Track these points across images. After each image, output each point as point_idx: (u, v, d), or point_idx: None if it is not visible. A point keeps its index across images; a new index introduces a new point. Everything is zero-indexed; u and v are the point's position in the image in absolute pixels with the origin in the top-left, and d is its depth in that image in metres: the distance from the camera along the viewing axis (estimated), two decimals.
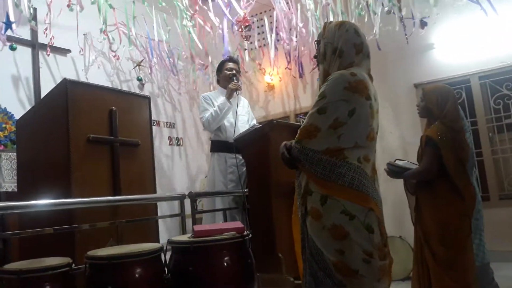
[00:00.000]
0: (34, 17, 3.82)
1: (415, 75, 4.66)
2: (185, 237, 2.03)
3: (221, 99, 3.44)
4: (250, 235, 2.15)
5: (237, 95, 3.41)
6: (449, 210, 2.47)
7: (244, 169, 3.29)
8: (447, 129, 2.59)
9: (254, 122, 3.69)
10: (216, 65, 3.81)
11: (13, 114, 3.82)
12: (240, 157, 3.30)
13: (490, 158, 4.38)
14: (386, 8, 3.97)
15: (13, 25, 3.40)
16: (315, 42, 1.97)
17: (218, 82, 3.71)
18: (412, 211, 2.76)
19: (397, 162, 2.83)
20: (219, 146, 3.46)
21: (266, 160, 2.75)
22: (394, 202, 4.14)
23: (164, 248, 1.99)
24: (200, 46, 4.80)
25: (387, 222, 1.82)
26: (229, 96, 3.39)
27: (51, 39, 3.97)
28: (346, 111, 1.63)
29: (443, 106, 2.64)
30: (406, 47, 4.51)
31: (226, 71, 3.55)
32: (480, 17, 4.04)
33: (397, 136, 4.69)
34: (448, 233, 2.44)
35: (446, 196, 2.50)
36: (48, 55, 4.16)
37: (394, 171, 2.76)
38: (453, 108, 2.65)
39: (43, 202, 2.03)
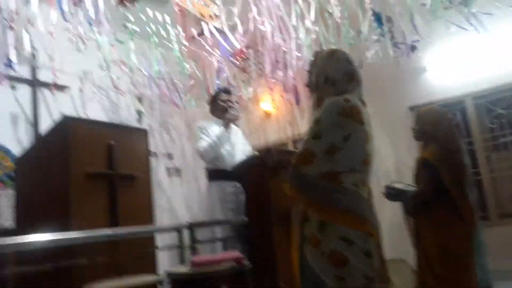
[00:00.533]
0: (34, 57, 3.91)
1: (410, 98, 4.72)
2: (183, 268, 2.02)
3: (217, 129, 3.48)
4: (250, 265, 2.13)
5: (235, 125, 3.45)
6: (449, 232, 2.47)
7: (242, 196, 3.29)
8: (443, 150, 2.61)
9: (249, 149, 3.72)
10: None
11: (11, 151, 3.85)
12: (239, 185, 3.32)
13: (488, 177, 4.38)
14: (375, 37, 4.06)
15: (14, 65, 3.48)
16: (307, 71, 2.01)
17: (212, 112, 3.74)
18: (411, 233, 2.75)
19: (395, 184, 2.85)
20: (216, 175, 3.45)
21: (265, 187, 2.75)
22: (394, 223, 4.10)
23: (164, 279, 1.98)
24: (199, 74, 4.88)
25: (387, 244, 1.82)
26: (226, 126, 3.43)
27: (54, 77, 4.04)
28: (341, 136, 1.65)
29: (438, 128, 2.67)
30: (400, 71, 4.58)
31: (220, 102, 3.59)
32: (471, 39, 4.12)
33: (393, 159, 4.70)
34: (450, 256, 2.43)
35: (445, 217, 2.50)
36: (54, 95, 4.23)
37: (392, 193, 2.78)
38: (448, 129, 2.68)
39: (41, 237, 2.02)
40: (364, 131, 1.70)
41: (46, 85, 4.22)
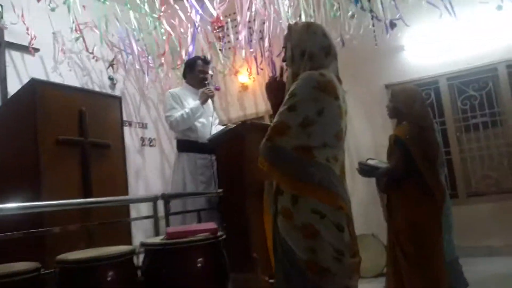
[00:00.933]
0: (1, 15, 3.71)
1: (386, 76, 4.77)
2: (158, 239, 2.01)
3: (191, 99, 3.41)
4: (224, 236, 2.15)
5: (212, 101, 3.39)
6: (419, 209, 2.54)
7: (214, 169, 3.29)
8: (415, 128, 2.66)
9: (217, 121, 3.69)
10: None
11: None
12: (210, 157, 3.29)
13: (458, 157, 4.52)
14: (350, 13, 4.04)
15: None
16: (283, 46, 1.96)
17: (185, 77, 3.65)
18: (384, 209, 2.82)
19: (368, 161, 2.90)
20: (188, 146, 3.39)
21: (240, 160, 2.75)
22: (366, 200, 4.21)
23: (137, 250, 1.97)
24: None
25: (359, 219, 1.87)
26: (203, 102, 3.37)
27: (30, 42, 3.85)
28: (315, 110, 1.65)
29: (411, 106, 2.71)
30: (377, 49, 4.60)
31: (198, 73, 3.51)
32: (448, 21, 4.16)
33: (368, 136, 4.77)
34: (419, 232, 2.51)
35: (416, 194, 2.57)
36: (34, 56, 4.04)
37: (365, 170, 2.83)
38: (421, 107, 2.73)
39: (11, 205, 1.97)
40: (338, 106, 1.71)
41: (14, 46, 4.02)
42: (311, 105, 1.65)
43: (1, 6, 3.51)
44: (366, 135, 4.79)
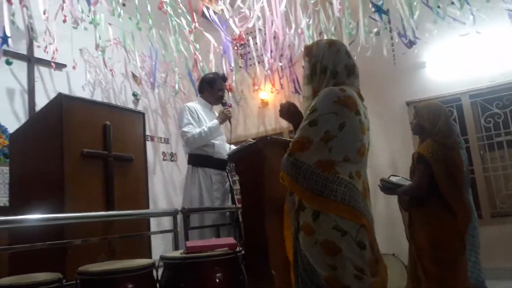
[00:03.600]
0: (31, 32, 3.84)
1: (407, 93, 4.73)
2: (177, 253, 2.02)
3: (208, 116, 3.43)
4: (243, 251, 2.14)
5: (230, 122, 3.41)
6: (441, 227, 2.48)
7: (227, 185, 3.29)
8: (439, 146, 2.62)
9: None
10: None
11: (6, 128, 3.80)
12: (224, 173, 3.30)
13: (482, 176, 4.42)
14: (376, 30, 4.04)
15: (9, 40, 3.42)
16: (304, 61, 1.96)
17: (201, 92, 3.62)
18: (406, 227, 2.77)
19: (391, 178, 2.86)
20: (203, 161, 3.38)
21: (260, 175, 2.75)
22: (387, 218, 4.15)
23: (156, 264, 1.98)
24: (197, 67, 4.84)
25: (380, 239, 1.83)
26: (222, 122, 3.39)
27: (53, 53, 3.97)
28: (337, 124, 1.65)
29: (435, 123, 2.68)
30: (399, 66, 4.59)
31: (218, 91, 3.52)
32: (470, 37, 4.13)
33: (388, 153, 4.72)
34: (440, 251, 2.45)
35: (438, 213, 2.52)
36: (54, 70, 4.18)
37: (388, 187, 2.79)
38: (445, 124, 2.69)
39: (34, 217, 2.01)
40: (359, 121, 1.70)
41: (42, 62, 4.16)
42: (332, 120, 1.65)
43: (31, 23, 3.64)
44: (386, 152, 4.74)
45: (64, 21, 3.62)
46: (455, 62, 4.49)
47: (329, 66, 1.78)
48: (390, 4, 4.00)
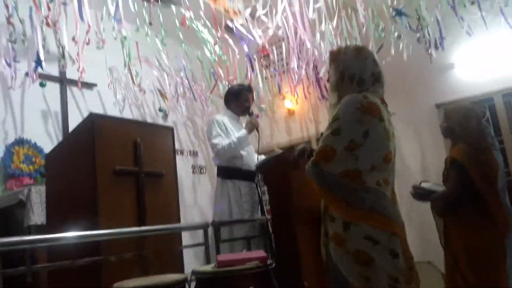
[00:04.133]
0: (63, 55, 3.99)
1: (437, 95, 4.62)
2: (209, 267, 2.04)
3: (236, 127, 3.47)
4: (274, 264, 2.13)
5: (257, 131, 3.43)
6: (479, 234, 2.41)
7: (256, 196, 3.30)
8: (471, 148, 2.55)
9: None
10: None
11: (42, 148, 3.95)
12: (253, 185, 3.31)
13: None
14: (396, 33, 3.99)
15: (43, 63, 3.57)
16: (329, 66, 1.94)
17: (228, 104, 3.65)
18: (440, 234, 2.70)
19: (422, 184, 2.80)
20: (232, 173, 3.41)
21: (289, 186, 2.74)
22: (421, 225, 4.04)
23: (189, 278, 2.00)
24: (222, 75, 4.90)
25: (414, 246, 1.79)
26: (249, 131, 3.42)
27: (81, 73, 4.11)
28: (361, 132, 1.63)
29: (466, 126, 2.61)
30: (426, 68, 4.50)
31: (244, 102, 3.55)
32: (500, 35, 4.01)
33: (419, 158, 4.62)
34: (479, 258, 2.37)
35: (475, 219, 2.45)
36: (80, 89, 4.33)
37: (420, 194, 2.73)
38: (477, 126, 2.61)
39: (70, 234, 2.08)
40: (383, 128, 1.68)
41: (74, 82, 4.31)
42: (356, 127, 1.64)
43: (63, 47, 3.78)
44: (416, 157, 4.64)
45: (88, 43, 3.73)
46: (485, 61, 4.36)
47: (356, 74, 1.77)
48: (415, 5, 3.94)
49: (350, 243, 1.61)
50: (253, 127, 3.42)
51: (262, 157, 3.48)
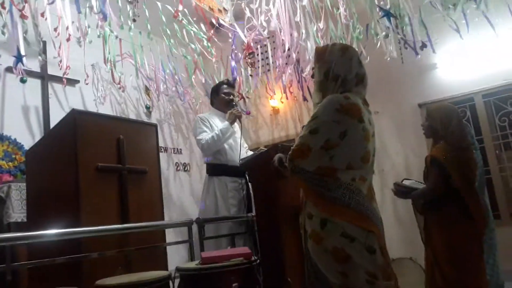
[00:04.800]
0: (43, 51, 3.92)
1: (419, 95, 4.69)
2: (193, 264, 2.03)
3: (218, 122, 3.47)
4: (258, 261, 2.14)
5: (240, 122, 3.44)
6: (458, 230, 2.46)
7: (244, 192, 3.30)
8: (452, 148, 2.59)
9: (246, 145, 3.76)
10: None
11: (22, 145, 3.88)
12: (240, 180, 3.31)
13: (498, 176, 4.35)
14: (384, 33, 4.03)
15: (23, 59, 3.49)
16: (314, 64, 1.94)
17: (212, 103, 3.72)
18: (421, 231, 2.74)
19: (404, 182, 2.84)
20: (218, 169, 3.42)
21: (273, 184, 2.75)
22: (403, 222, 4.10)
23: (173, 275, 1.99)
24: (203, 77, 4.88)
25: (397, 243, 1.82)
26: (232, 122, 3.41)
27: (66, 69, 4.05)
28: (338, 132, 1.64)
29: (448, 125, 2.66)
30: (409, 68, 4.56)
31: (223, 95, 3.57)
32: (482, 36, 4.09)
33: (402, 156, 4.68)
34: (458, 254, 2.42)
35: (454, 216, 2.50)
36: (65, 87, 4.26)
37: (401, 191, 2.77)
38: (458, 126, 2.67)
39: (51, 232, 2.04)
40: (362, 129, 1.69)
41: (56, 78, 4.24)
42: (333, 128, 1.65)
43: (44, 42, 3.72)
44: (399, 155, 4.70)
45: (68, 39, 3.68)
46: (466, 62, 4.45)
47: (340, 74, 1.76)
48: (398, 6, 3.98)
49: (328, 240, 1.63)
50: (234, 117, 3.42)
51: (250, 152, 3.51)
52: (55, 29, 3.54)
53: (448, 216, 2.52)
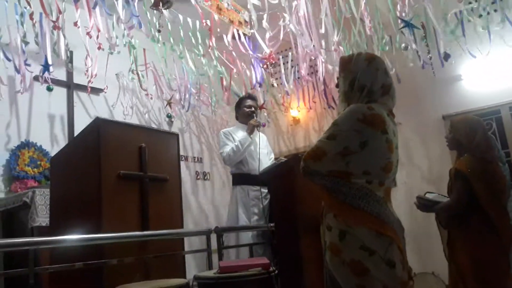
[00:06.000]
0: (70, 60, 4.03)
1: (444, 107, 4.61)
2: (211, 273, 2.03)
3: (241, 134, 3.52)
4: (276, 271, 2.12)
5: (258, 131, 3.49)
6: (484, 246, 2.39)
7: (267, 202, 3.31)
8: (477, 160, 2.53)
9: (272, 155, 3.81)
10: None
11: (48, 152, 3.98)
12: (264, 190, 3.34)
13: None
14: (403, 44, 3.99)
15: (50, 68, 3.60)
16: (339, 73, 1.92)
17: (237, 118, 3.86)
18: (445, 246, 2.67)
19: (427, 195, 2.77)
20: (241, 179, 3.52)
21: (292, 193, 2.73)
22: (425, 236, 4.00)
23: (191, 283, 1.99)
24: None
25: (418, 257, 1.78)
26: (250, 132, 3.50)
27: (90, 79, 4.16)
28: (358, 142, 1.61)
29: (472, 137, 2.60)
30: (434, 79, 4.50)
31: (245, 108, 3.70)
32: (508, 47, 4.01)
33: (426, 169, 4.60)
34: (484, 270, 2.35)
35: (480, 231, 2.42)
36: (89, 95, 4.36)
37: (424, 204, 2.70)
38: (483, 138, 2.60)
39: (73, 237, 2.08)
40: (386, 140, 1.65)
41: (81, 87, 4.34)
42: (353, 137, 1.62)
43: (72, 52, 3.82)
44: (423, 167, 4.61)
45: (99, 48, 3.77)
46: (492, 73, 4.35)
47: (366, 85, 1.73)
48: (424, 17, 3.94)
49: (346, 253, 1.59)
50: (252, 127, 3.52)
51: (272, 160, 3.54)
52: (88, 35, 3.60)
53: (473, 231, 2.45)
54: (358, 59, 1.79)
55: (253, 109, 3.68)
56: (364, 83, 1.73)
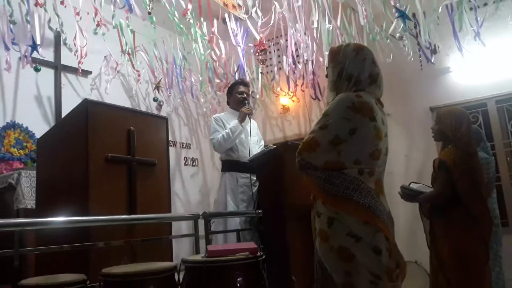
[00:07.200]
0: (58, 40, 3.96)
1: (431, 98, 4.66)
2: (198, 257, 2.04)
3: (233, 121, 3.51)
4: (264, 257, 2.15)
5: (250, 118, 3.48)
6: (465, 236, 2.44)
7: (255, 189, 3.32)
8: (461, 152, 2.57)
9: (262, 143, 3.78)
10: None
11: (34, 133, 3.92)
12: (253, 177, 3.35)
13: (509, 183, 4.31)
14: (398, 35, 4.00)
15: (38, 48, 3.53)
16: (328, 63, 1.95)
17: (228, 103, 3.83)
18: (427, 235, 2.72)
19: (411, 185, 2.82)
20: (230, 165, 3.51)
21: (281, 181, 2.75)
22: (409, 225, 4.08)
23: (178, 267, 2.01)
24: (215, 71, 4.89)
25: (402, 246, 1.81)
26: (241, 120, 3.48)
27: (79, 61, 4.09)
28: (347, 129, 1.65)
29: (458, 130, 2.63)
30: (422, 71, 4.53)
31: (237, 94, 3.66)
32: (496, 41, 4.05)
33: (412, 159, 4.66)
34: (464, 260, 2.40)
35: (461, 221, 2.47)
36: (78, 76, 4.30)
37: (408, 194, 2.75)
38: (468, 131, 2.64)
39: (60, 219, 2.07)
40: (373, 127, 1.69)
41: (68, 68, 4.28)
42: (343, 124, 1.66)
43: (59, 32, 3.75)
44: (409, 158, 4.68)
45: (98, 26, 3.72)
46: (480, 67, 4.40)
47: (354, 74, 1.77)
48: (414, 9, 3.95)
49: (334, 239, 1.63)
50: (244, 115, 3.49)
51: (261, 147, 3.55)
52: (79, 15, 3.52)
53: (454, 221, 2.50)
54: (346, 50, 1.84)
55: (245, 95, 3.65)
56: (351, 73, 1.77)
